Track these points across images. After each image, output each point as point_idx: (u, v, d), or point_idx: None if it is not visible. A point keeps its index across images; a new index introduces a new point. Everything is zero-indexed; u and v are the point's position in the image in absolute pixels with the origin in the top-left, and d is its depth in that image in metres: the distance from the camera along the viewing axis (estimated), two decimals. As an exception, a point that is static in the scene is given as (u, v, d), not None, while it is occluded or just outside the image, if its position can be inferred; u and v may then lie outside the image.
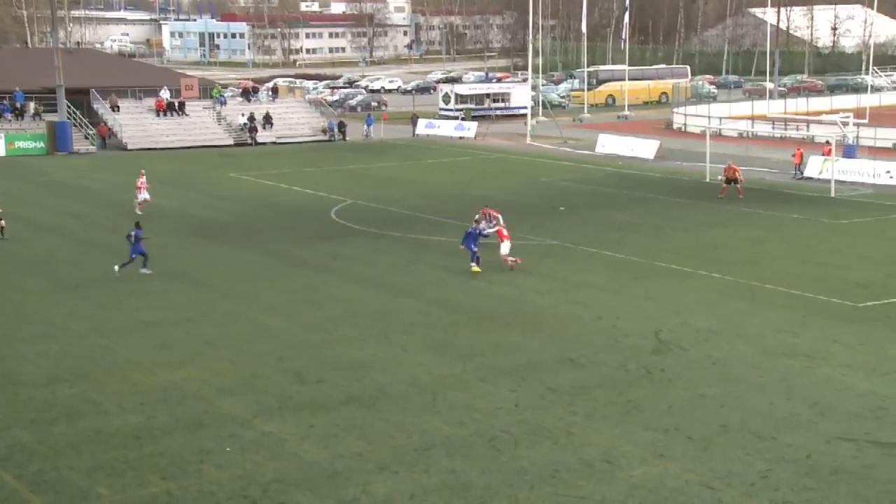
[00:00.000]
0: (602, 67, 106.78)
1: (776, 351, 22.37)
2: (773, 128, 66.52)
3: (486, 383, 20.49)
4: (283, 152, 63.47)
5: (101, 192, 46.66)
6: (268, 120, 70.19)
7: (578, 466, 16.45)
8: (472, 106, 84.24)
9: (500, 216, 32.55)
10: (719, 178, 44.84)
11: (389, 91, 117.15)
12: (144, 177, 41.16)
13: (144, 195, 40.39)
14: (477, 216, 32.30)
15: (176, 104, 69.81)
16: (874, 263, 30.98)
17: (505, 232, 30.70)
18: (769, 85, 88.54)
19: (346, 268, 31.15)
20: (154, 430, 18.15)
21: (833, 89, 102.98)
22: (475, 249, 29.96)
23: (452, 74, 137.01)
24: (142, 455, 17.05)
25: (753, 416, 18.53)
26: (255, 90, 79.76)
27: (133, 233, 29.83)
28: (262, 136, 68.95)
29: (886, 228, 36.96)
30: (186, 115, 69.79)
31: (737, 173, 43.42)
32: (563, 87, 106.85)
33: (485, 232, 31.11)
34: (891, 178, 45.93)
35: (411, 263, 31.70)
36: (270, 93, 78.50)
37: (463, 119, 76.67)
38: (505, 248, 30.34)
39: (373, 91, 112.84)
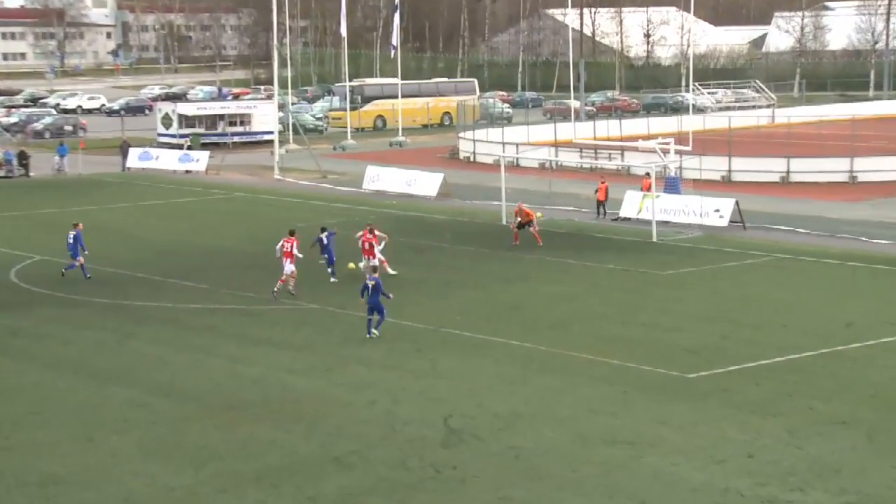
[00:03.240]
0: (368, 81, 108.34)
1: (594, 437, 23.01)
2: (582, 156, 69.05)
3: (227, 495, 20.13)
4: (-56, 193, 60.75)
5: None
6: (-82, 150, 66.99)
7: None
8: (202, 131, 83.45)
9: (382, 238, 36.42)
10: (510, 222, 45.91)
11: (89, 111, 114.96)
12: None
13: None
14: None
15: None
16: (706, 323, 32.51)
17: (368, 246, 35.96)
18: (574, 103, 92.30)
19: (31, 348, 30.20)
20: None
21: (649, 109, 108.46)
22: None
23: (174, 90, 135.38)
24: None
25: (569, 522, 18.95)
26: None
27: None
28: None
29: (718, 280, 38.92)
30: None
31: (531, 217, 44.26)
32: (320, 106, 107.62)
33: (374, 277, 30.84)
34: (721, 217, 48.31)
35: (123, 339, 30.98)
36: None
37: (190, 148, 75.76)
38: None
39: (66, 111, 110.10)
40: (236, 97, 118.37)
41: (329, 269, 37.94)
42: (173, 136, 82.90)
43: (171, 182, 66.49)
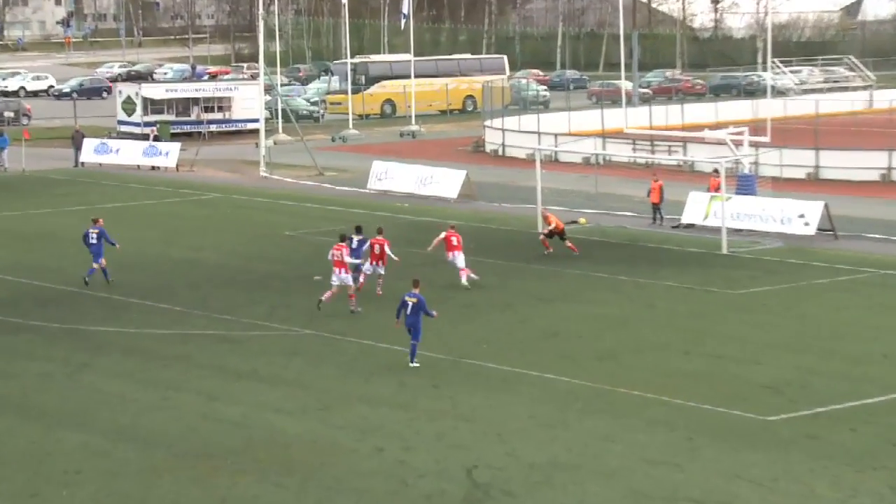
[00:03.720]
0: (374, 58, 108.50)
1: (651, 494, 22.94)
2: (635, 150, 68.95)
3: (203, 564, 20.18)
4: None
5: None
6: None
7: None
8: (172, 118, 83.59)
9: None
10: (544, 229, 45.91)
11: (35, 94, 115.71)
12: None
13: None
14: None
15: None
16: (788, 354, 32.39)
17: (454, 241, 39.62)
18: (626, 85, 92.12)
19: (-35, 382, 30.18)
20: None
21: (718, 91, 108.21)
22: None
23: (138, 68, 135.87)
24: None
25: None
26: None
27: None
28: None
29: (804, 301, 38.77)
30: None
31: (557, 226, 44.00)
32: (315, 88, 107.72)
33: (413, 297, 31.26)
34: (806, 224, 48.11)
35: (76, 372, 31.06)
36: None
37: (157, 139, 75.88)
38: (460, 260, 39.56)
39: (6, 94, 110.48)
40: (213, 77, 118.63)
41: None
42: (137, 124, 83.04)
43: (135, 180, 66.58)
